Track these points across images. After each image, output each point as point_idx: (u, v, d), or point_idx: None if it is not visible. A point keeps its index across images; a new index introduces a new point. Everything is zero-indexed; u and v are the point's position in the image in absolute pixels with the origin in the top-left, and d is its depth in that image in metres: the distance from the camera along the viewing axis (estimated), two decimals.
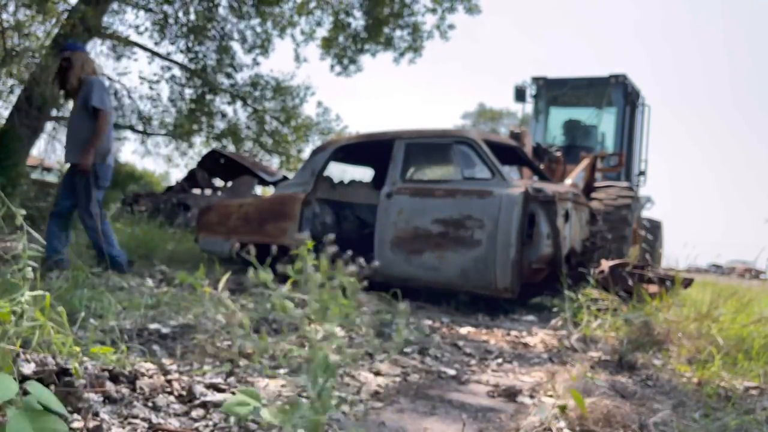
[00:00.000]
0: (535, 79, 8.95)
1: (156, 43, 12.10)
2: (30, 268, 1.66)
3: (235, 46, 12.47)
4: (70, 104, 4.90)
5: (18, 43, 9.09)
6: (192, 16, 11.91)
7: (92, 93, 4.31)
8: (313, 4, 12.38)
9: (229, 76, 12.58)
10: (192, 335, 2.48)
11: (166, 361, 2.14)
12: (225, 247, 5.66)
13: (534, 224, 4.34)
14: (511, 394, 2.15)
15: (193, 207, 9.27)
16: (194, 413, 1.63)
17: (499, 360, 2.84)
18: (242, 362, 2.19)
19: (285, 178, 9.62)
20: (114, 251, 4.33)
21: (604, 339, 3.32)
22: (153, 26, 11.90)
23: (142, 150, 13.78)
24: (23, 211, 1.57)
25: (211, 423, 1.56)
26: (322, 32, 12.81)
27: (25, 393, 1.19)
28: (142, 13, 11.73)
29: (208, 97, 12.54)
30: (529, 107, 9.14)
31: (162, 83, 12.37)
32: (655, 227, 7.91)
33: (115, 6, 10.99)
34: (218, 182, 11.21)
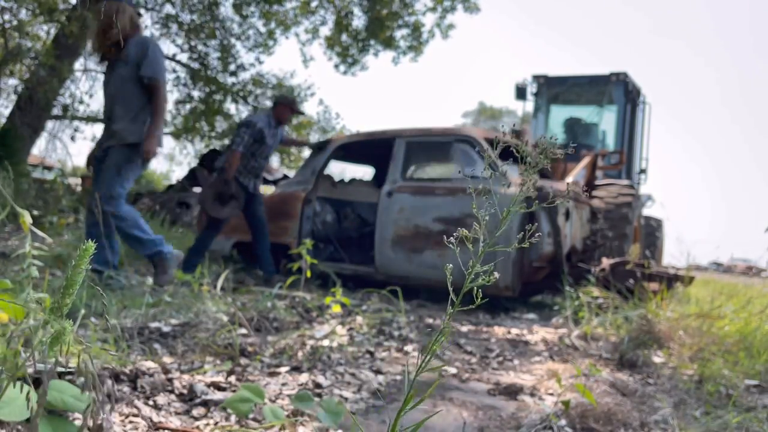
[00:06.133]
0: (536, 77, 8.95)
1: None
2: (35, 267, 1.66)
3: (237, 44, 12.44)
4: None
5: (19, 42, 9.09)
6: (194, 16, 11.89)
7: (145, 60, 3.54)
8: (315, 4, 12.35)
9: (233, 74, 12.55)
10: (193, 333, 2.49)
11: (166, 359, 2.15)
12: (226, 245, 5.67)
13: (535, 222, 4.35)
14: (511, 392, 2.15)
15: (194, 206, 9.28)
16: (195, 412, 1.63)
17: (500, 358, 2.84)
18: (243, 360, 2.20)
19: (285, 176, 9.61)
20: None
21: (604, 337, 3.32)
22: (154, 25, 11.89)
23: None
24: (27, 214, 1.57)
25: (212, 421, 1.56)
26: (325, 31, 12.80)
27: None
28: (143, 11, 11.72)
29: (216, 97, 12.50)
30: (529, 105, 9.15)
31: (168, 84, 12.34)
32: (656, 225, 7.90)
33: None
34: None
